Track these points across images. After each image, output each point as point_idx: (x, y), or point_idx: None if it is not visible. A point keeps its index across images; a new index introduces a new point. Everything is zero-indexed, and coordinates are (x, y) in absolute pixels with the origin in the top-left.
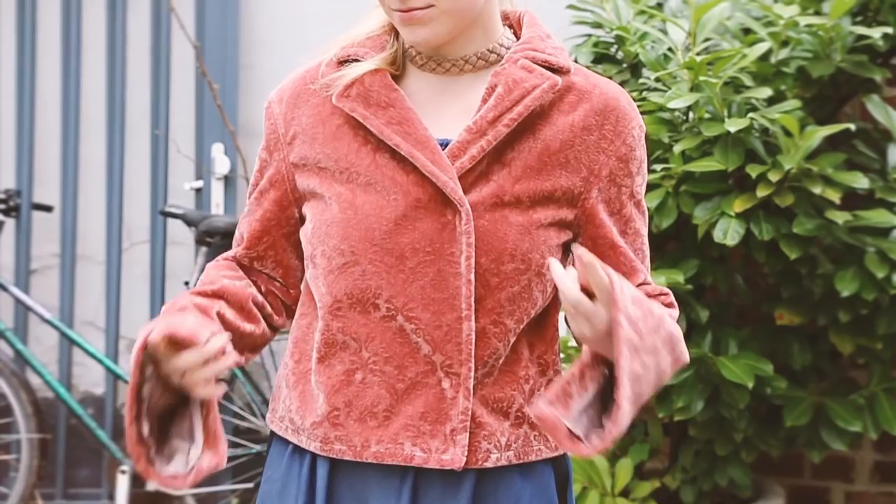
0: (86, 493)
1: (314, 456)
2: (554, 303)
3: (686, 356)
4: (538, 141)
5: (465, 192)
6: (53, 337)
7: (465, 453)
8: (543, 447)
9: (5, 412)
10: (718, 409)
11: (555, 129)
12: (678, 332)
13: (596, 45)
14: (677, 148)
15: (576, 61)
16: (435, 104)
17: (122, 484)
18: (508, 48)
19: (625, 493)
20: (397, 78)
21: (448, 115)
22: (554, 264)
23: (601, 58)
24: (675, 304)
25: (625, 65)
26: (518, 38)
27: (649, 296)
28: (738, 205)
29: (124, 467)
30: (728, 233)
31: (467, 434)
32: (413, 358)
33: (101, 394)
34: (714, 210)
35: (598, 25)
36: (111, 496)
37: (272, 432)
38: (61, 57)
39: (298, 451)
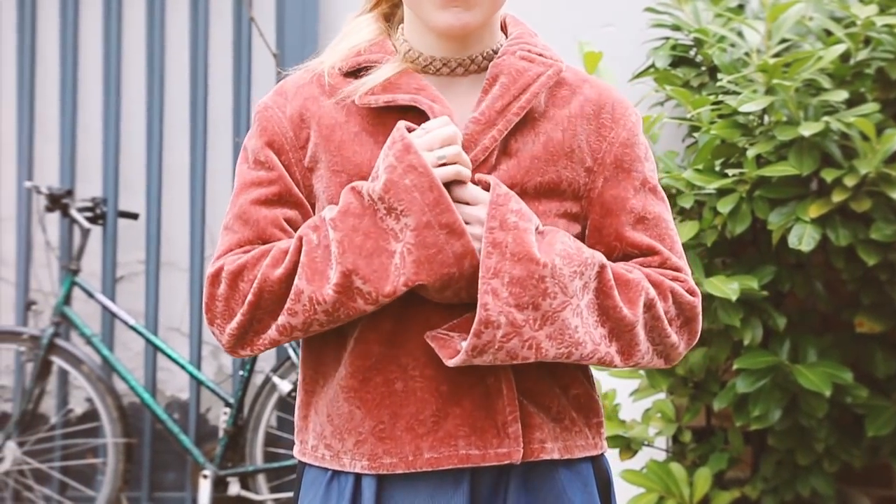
0: (171, 497)
1: (358, 477)
2: None
3: (629, 317)
4: (539, 134)
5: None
6: (140, 343)
7: (521, 445)
8: (584, 443)
9: (92, 417)
10: (797, 418)
11: (553, 122)
12: (634, 289)
13: (674, 47)
14: (751, 152)
15: (653, 65)
16: None
17: (205, 488)
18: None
19: (704, 502)
20: None
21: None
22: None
23: (679, 61)
24: (696, 290)
25: (703, 68)
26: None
27: (658, 274)
28: (814, 210)
29: (206, 472)
30: (803, 239)
31: (519, 425)
32: None
33: (187, 399)
34: (789, 215)
35: (677, 28)
36: (195, 501)
37: (303, 465)
38: (145, 67)
39: (337, 476)
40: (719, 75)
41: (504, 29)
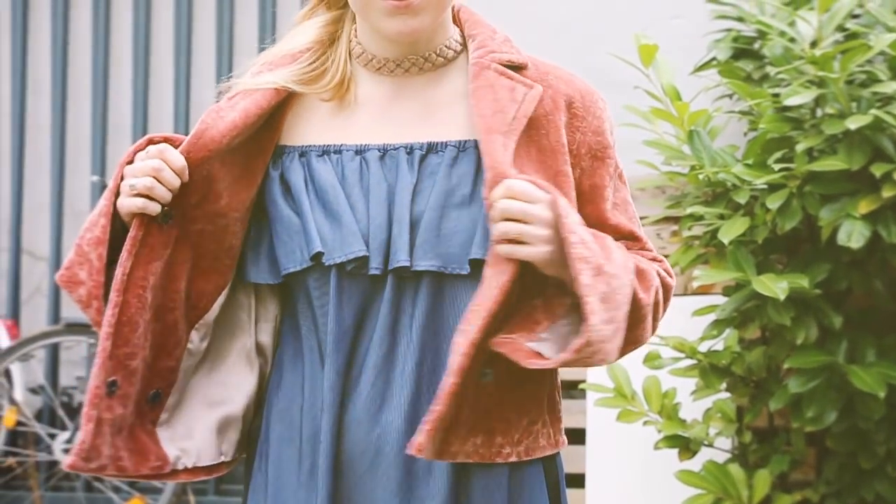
0: (237, 489)
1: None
2: None
3: (648, 306)
4: (531, 143)
5: None
6: None
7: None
8: (545, 443)
9: None
10: (855, 420)
11: (535, 126)
12: (648, 278)
13: (735, 39)
14: (800, 146)
15: (714, 58)
16: (396, 108)
17: None
18: (459, 44)
19: None
20: (346, 89)
21: (406, 116)
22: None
23: (741, 53)
24: (671, 272)
25: (766, 60)
26: (461, 31)
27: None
28: (864, 206)
29: None
30: (852, 235)
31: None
32: None
33: None
34: (840, 211)
35: (740, 20)
36: None
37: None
38: (173, 59)
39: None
40: (769, 68)
41: (457, 21)
